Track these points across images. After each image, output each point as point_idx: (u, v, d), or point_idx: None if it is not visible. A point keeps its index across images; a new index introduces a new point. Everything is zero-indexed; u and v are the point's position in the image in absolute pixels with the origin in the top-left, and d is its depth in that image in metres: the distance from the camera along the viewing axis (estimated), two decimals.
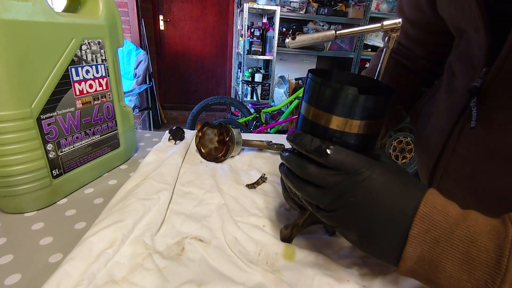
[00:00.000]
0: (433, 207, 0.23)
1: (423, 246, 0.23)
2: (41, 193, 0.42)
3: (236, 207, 0.44)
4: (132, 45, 2.70)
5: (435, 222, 0.23)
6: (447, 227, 0.22)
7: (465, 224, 0.22)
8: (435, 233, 0.22)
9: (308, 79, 0.29)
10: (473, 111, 0.34)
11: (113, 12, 0.49)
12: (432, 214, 0.23)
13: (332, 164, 0.26)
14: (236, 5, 3.26)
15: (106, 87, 0.50)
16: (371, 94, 0.26)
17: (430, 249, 0.22)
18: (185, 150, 0.61)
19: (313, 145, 0.26)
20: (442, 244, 0.22)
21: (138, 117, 2.95)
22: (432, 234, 0.22)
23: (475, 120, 0.33)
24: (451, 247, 0.22)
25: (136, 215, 0.38)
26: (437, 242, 0.22)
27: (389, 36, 0.32)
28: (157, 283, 0.30)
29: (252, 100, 2.96)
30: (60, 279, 0.28)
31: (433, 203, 0.23)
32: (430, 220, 0.23)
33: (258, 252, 0.36)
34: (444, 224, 0.22)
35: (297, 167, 0.28)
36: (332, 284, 0.32)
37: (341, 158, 0.25)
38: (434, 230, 0.22)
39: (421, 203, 0.23)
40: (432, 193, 0.25)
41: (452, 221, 0.22)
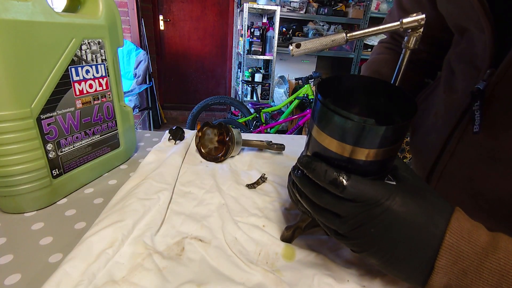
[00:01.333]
0: (460, 237, 0.22)
1: (450, 276, 0.22)
2: (41, 193, 0.42)
3: (236, 207, 0.44)
4: (132, 45, 2.70)
5: (462, 253, 0.22)
6: (475, 258, 0.21)
7: (495, 256, 0.21)
8: (462, 264, 0.22)
9: (318, 101, 0.25)
10: (476, 115, 0.32)
11: (113, 12, 0.49)
12: (459, 245, 0.22)
13: (349, 196, 0.24)
14: (236, 5, 3.26)
15: (106, 87, 0.50)
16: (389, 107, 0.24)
17: (458, 279, 0.22)
18: (185, 150, 0.61)
19: (327, 177, 0.24)
20: (470, 275, 0.21)
21: (138, 117, 2.95)
22: (460, 266, 0.22)
23: (479, 125, 0.32)
24: (480, 279, 0.21)
25: (136, 215, 0.38)
26: (465, 274, 0.22)
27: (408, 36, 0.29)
28: (157, 283, 0.30)
29: (252, 100, 2.96)
30: (60, 279, 0.28)
31: (459, 231, 0.22)
32: (457, 251, 0.22)
33: (258, 252, 0.36)
34: (472, 255, 0.21)
35: (312, 195, 0.27)
36: (332, 284, 0.32)
37: (359, 190, 0.24)
38: (462, 261, 0.22)
39: (446, 233, 0.22)
40: (458, 219, 0.23)
41: (481, 251, 0.21)
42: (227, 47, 3.56)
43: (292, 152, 0.66)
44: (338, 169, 0.25)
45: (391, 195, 0.24)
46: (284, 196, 0.48)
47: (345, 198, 0.25)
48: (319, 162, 0.25)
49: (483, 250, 0.21)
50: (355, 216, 0.24)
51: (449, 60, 0.43)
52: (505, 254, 0.21)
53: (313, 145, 0.28)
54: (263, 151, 0.66)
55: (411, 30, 0.28)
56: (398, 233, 0.23)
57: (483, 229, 0.23)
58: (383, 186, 0.25)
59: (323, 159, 0.26)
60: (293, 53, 0.28)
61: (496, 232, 0.23)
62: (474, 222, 0.24)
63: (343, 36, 0.28)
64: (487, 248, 0.21)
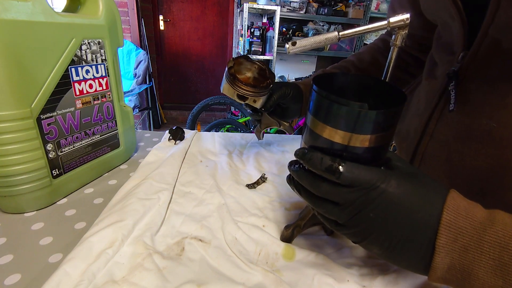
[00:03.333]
0: (457, 213, 0.22)
1: (452, 255, 0.22)
2: (41, 193, 0.41)
3: (236, 207, 0.44)
4: (132, 45, 2.70)
5: (461, 229, 0.22)
6: (474, 234, 0.22)
7: (493, 229, 0.21)
8: (463, 240, 0.22)
9: (313, 91, 0.27)
10: (452, 94, 0.35)
11: (113, 12, 0.49)
12: (457, 221, 0.22)
13: (346, 182, 0.25)
14: (236, 5, 3.26)
15: (106, 87, 0.50)
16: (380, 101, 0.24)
17: (460, 257, 0.22)
18: (185, 150, 0.61)
19: (323, 164, 0.25)
20: (472, 251, 0.21)
21: (138, 117, 2.95)
22: (461, 242, 0.22)
23: (453, 103, 0.35)
24: (482, 254, 0.21)
25: (136, 215, 0.38)
26: (467, 250, 0.22)
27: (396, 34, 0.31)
28: (157, 283, 0.30)
29: None
30: (60, 279, 0.28)
31: (456, 208, 0.23)
32: (456, 228, 0.22)
33: (258, 252, 0.36)
34: (471, 231, 0.22)
35: (310, 186, 0.27)
36: (332, 284, 0.32)
37: (355, 175, 0.24)
38: (462, 238, 0.22)
39: (443, 211, 0.23)
40: (453, 197, 0.24)
41: (479, 226, 0.22)
42: (227, 47, 3.55)
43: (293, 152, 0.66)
44: (334, 157, 0.25)
45: (386, 178, 0.24)
46: (284, 196, 0.48)
47: (342, 184, 0.25)
48: (314, 152, 0.26)
49: (481, 224, 0.22)
50: (353, 202, 0.25)
51: (432, 54, 0.47)
52: (503, 226, 0.21)
53: (308, 137, 0.29)
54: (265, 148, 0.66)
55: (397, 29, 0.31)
56: (396, 215, 0.24)
57: (479, 206, 0.24)
58: (378, 170, 0.25)
59: (318, 150, 0.27)
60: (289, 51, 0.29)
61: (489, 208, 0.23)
62: (470, 200, 0.24)
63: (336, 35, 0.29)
64: (484, 222, 0.22)
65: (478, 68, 0.34)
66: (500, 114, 0.32)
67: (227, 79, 0.47)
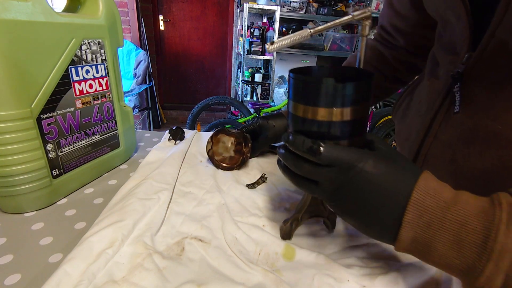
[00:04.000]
0: (425, 193, 0.24)
1: (416, 230, 0.24)
2: (41, 193, 0.41)
3: (236, 207, 0.44)
4: (132, 45, 2.70)
5: (427, 208, 0.24)
6: (439, 212, 0.23)
7: (455, 208, 0.23)
8: (427, 217, 0.24)
9: (290, 78, 0.30)
10: (457, 96, 0.35)
11: (113, 12, 0.49)
12: (424, 200, 0.24)
13: (325, 161, 0.27)
14: (236, 5, 3.26)
15: (106, 87, 0.50)
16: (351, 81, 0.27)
17: (423, 232, 0.24)
18: (185, 150, 0.61)
19: (305, 146, 0.27)
20: (434, 227, 0.23)
21: (138, 117, 2.95)
22: (425, 219, 0.24)
23: (459, 105, 0.35)
24: (443, 230, 0.23)
25: (136, 215, 0.38)
26: (430, 226, 0.24)
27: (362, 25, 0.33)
28: (157, 283, 0.30)
29: (252, 100, 2.96)
30: (60, 279, 0.28)
31: (425, 188, 0.24)
32: (423, 206, 0.24)
33: (258, 252, 0.36)
34: (436, 209, 0.24)
35: (293, 166, 0.29)
36: (332, 284, 0.32)
37: (334, 155, 0.26)
38: (427, 215, 0.24)
39: (414, 190, 0.24)
40: (425, 178, 0.25)
41: (444, 205, 0.23)
42: (227, 47, 3.56)
43: None
44: (315, 139, 0.27)
45: (364, 159, 0.26)
46: (284, 196, 0.48)
47: (322, 164, 0.27)
48: (298, 135, 0.28)
49: (446, 204, 0.23)
50: (332, 180, 0.27)
51: (433, 53, 0.46)
52: (465, 206, 0.23)
53: (291, 122, 0.31)
54: None
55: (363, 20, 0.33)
56: (371, 193, 0.26)
57: (448, 187, 0.25)
58: (357, 151, 0.27)
59: (302, 133, 0.29)
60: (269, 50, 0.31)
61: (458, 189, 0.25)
62: (441, 182, 0.26)
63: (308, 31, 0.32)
64: (449, 202, 0.23)
65: (483, 70, 0.34)
66: (505, 116, 0.32)
67: None
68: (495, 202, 0.23)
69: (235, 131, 0.57)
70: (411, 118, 0.48)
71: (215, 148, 0.57)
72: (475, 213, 0.22)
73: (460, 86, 0.35)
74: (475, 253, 0.22)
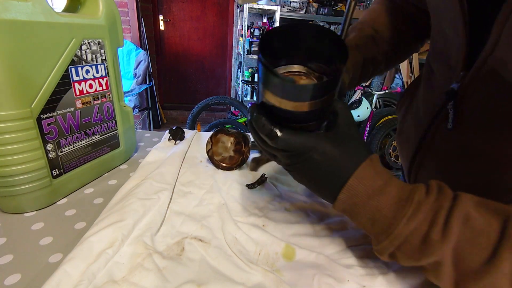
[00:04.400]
0: (359, 181, 0.29)
1: (345, 206, 0.31)
2: (41, 193, 0.42)
3: (236, 207, 0.44)
4: (132, 45, 2.70)
5: (357, 193, 0.29)
6: (364, 197, 0.29)
7: (378, 197, 0.29)
8: (355, 199, 0.30)
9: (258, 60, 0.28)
10: (450, 113, 0.36)
11: (113, 12, 0.49)
12: (357, 186, 0.29)
13: (280, 147, 0.30)
14: (236, 5, 3.26)
15: (106, 87, 0.50)
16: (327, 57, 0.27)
17: (350, 208, 0.31)
18: (185, 150, 0.61)
19: (265, 129, 0.30)
20: (358, 207, 0.30)
21: (138, 117, 2.95)
22: (353, 200, 0.30)
23: (452, 122, 0.36)
24: (364, 210, 0.30)
25: (136, 215, 0.38)
26: (356, 205, 0.30)
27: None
28: (157, 283, 0.30)
29: (252, 100, 2.96)
30: (60, 279, 0.28)
31: (361, 176, 0.29)
32: (354, 191, 0.29)
33: (258, 252, 0.36)
34: (363, 195, 0.29)
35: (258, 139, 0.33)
36: (332, 284, 0.32)
37: (288, 142, 0.30)
38: (355, 197, 0.30)
39: (350, 177, 0.29)
40: (365, 167, 0.29)
41: (371, 193, 0.29)
42: (227, 47, 3.56)
43: None
44: (275, 123, 0.29)
45: (314, 146, 0.30)
46: (284, 196, 0.48)
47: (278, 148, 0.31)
48: (260, 116, 0.30)
49: (373, 192, 0.29)
50: (287, 159, 0.32)
51: (429, 60, 0.47)
52: (386, 196, 0.28)
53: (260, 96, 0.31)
54: None
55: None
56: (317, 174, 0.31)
57: (384, 176, 0.30)
58: (309, 138, 0.30)
59: (266, 109, 0.30)
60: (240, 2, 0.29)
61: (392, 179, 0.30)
62: (380, 169, 0.30)
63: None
64: (376, 191, 0.29)
65: (476, 91, 0.34)
66: (496, 137, 0.33)
67: None
68: (409, 198, 0.28)
69: (234, 131, 0.56)
70: (409, 123, 0.49)
71: (214, 148, 0.57)
72: (391, 203, 0.28)
73: (454, 104, 0.36)
74: (381, 231, 0.29)
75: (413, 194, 0.28)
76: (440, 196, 0.28)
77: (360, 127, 2.59)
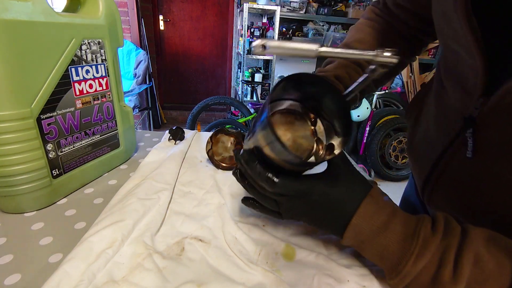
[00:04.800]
0: (363, 219, 0.30)
1: (353, 242, 0.31)
2: (41, 193, 0.41)
3: (236, 207, 0.44)
4: (132, 45, 2.70)
5: (362, 230, 0.30)
6: (370, 235, 0.30)
7: (384, 234, 0.29)
8: (361, 237, 0.30)
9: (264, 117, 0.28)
10: (469, 142, 0.33)
11: (113, 12, 0.49)
12: (361, 224, 0.30)
13: (279, 191, 0.31)
14: (236, 5, 3.26)
15: (106, 87, 0.50)
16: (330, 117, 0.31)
17: (358, 244, 0.31)
18: (185, 150, 0.61)
19: (261, 177, 0.30)
20: (366, 244, 0.30)
21: (138, 117, 2.95)
22: (359, 238, 0.30)
23: (471, 151, 0.33)
24: (371, 247, 0.30)
25: (136, 215, 0.38)
26: (363, 242, 0.30)
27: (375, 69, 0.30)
28: (157, 283, 0.30)
29: (252, 100, 2.96)
30: (60, 279, 0.28)
31: (363, 215, 0.30)
32: (359, 229, 0.30)
33: (258, 252, 0.36)
34: (368, 232, 0.30)
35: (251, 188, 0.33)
36: (332, 284, 0.32)
37: (286, 187, 0.30)
38: (361, 235, 0.30)
39: (354, 216, 0.30)
40: (366, 204, 0.30)
41: (376, 230, 0.29)
42: (227, 47, 3.55)
43: None
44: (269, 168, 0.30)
45: (312, 189, 0.31)
46: None
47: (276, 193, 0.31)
48: (255, 165, 0.31)
49: (378, 229, 0.29)
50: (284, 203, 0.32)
51: (440, 72, 0.42)
52: (392, 233, 0.29)
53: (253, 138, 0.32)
54: None
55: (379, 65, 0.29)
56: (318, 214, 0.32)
57: (386, 210, 0.30)
58: (306, 181, 0.31)
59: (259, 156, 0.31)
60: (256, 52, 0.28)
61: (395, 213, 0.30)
62: (382, 203, 0.30)
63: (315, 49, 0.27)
64: (381, 227, 0.29)
65: (497, 120, 0.31)
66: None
67: None
68: (415, 234, 0.28)
69: (234, 131, 0.56)
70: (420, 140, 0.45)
71: (214, 148, 0.57)
72: (397, 240, 0.28)
73: (473, 132, 0.33)
74: (390, 268, 0.29)
75: (418, 231, 0.28)
76: (448, 232, 0.27)
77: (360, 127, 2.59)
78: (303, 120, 0.36)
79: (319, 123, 0.36)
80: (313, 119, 0.36)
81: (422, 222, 0.29)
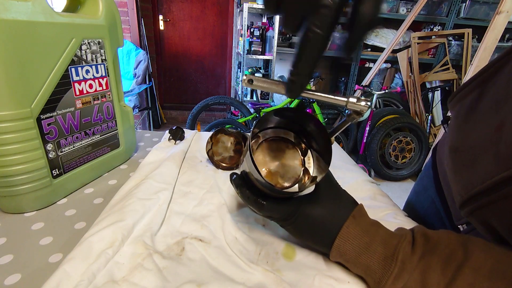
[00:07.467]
0: (345, 240, 0.31)
1: (339, 260, 0.33)
2: (41, 193, 0.41)
3: (236, 207, 0.44)
4: (131, 45, 2.70)
5: (346, 251, 0.32)
6: (353, 255, 0.31)
7: (366, 255, 0.30)
8: (345, 257, 0.32)
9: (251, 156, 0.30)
10: None
11: (113, 12, 0.49)
12: (344, 246, 0.32)
13: (267, 214, 0.34)
14: (236, 5, 3.26)
15: (106, 87, 0.50)
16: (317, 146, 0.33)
17: (344, 262, 0.33)
18: (185, 150, 0.61)
19: (250, 200, 0.33)
20: (350, 262, 0.32)
21: (138, 117, 2.95)
22: (344, 257, 0.32)
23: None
24: (355, 266, 0.32)
25: (136, 215, 0.38)
26: (347, 261, 0.32)
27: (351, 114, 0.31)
28: (157, 283, 0.30)
29: (252, 100, 2.96)
30: (60, 279, 0.28)
31: (346, 237, 0.31)
32: (343, 250, 0.32)
33: (258, 251, 0.36)
34: (351, 253, 0.31)
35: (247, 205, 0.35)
36: (333, 284, 0.32)
37: (273, 211, 0.33)
38: (345, 255, 0.32)
39: (336, 238, 0.32)
40: (348, 226, 0.31)
41: (358, 250, 0.31)
42: (227, 47, 3.55)
43: None
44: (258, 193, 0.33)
45: (296, 211, 0.33)
46: None
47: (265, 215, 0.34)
48: (244, 190, 0.34)
49: (360, 249, 0.31)
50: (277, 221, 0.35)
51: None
52: (373, 253, 0.30)
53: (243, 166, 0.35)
54: None
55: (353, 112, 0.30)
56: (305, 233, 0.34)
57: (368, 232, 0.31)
58: (291, 205, 0.33)
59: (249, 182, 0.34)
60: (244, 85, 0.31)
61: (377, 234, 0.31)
62: (364, 224, 0.32)
63: None
64: (362, 249, 0.31)
65: None
66: None
67: None
68: (394, 255, 0.29)
69: (234, 131, 0.56)
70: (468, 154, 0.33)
71: (214, 148, 0.57)
72: (378, 261, 0.30)
73: None
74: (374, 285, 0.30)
75: (397, 252, 0.29)
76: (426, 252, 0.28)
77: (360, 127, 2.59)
78: (294, 149, 0.38)
79: (309, 154, 0.38)
80: (304, 149, 0.38)
81: (402, 242, 0.30)
